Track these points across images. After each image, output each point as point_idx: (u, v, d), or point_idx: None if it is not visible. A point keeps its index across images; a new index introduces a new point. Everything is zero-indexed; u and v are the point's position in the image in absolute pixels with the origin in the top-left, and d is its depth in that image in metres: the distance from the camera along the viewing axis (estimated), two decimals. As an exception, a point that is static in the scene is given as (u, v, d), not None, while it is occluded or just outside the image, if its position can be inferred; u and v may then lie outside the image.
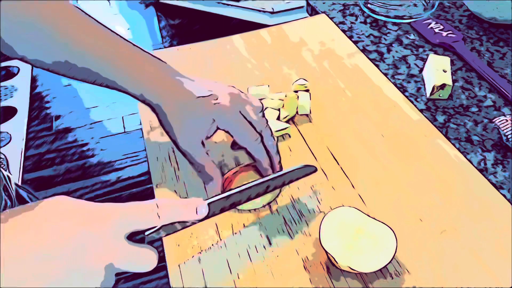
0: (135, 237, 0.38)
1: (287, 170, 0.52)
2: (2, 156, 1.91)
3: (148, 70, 0.52)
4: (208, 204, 0.43)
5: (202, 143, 0.53)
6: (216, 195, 0.45)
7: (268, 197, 0.54)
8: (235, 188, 0.47)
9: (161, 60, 0.54)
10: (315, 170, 0.54)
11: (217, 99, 0.52)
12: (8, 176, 0.64)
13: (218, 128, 0.54)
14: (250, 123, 0.53)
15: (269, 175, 0.51)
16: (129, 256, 0.36)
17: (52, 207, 0.34)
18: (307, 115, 0.67)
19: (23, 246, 0.32)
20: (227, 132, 0.54)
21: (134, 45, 0.53)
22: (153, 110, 0.54)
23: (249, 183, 0.48)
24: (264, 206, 0.55)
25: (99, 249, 0.34)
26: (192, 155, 0.53)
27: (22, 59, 0.51)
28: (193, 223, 0.42)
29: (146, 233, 0.38)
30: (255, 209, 0.54)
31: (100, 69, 0.52)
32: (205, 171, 0.53)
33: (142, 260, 0.36)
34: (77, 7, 0.53)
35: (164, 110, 0.52)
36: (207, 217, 0.43)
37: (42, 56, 0.51)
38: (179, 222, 0.40)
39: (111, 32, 0.53)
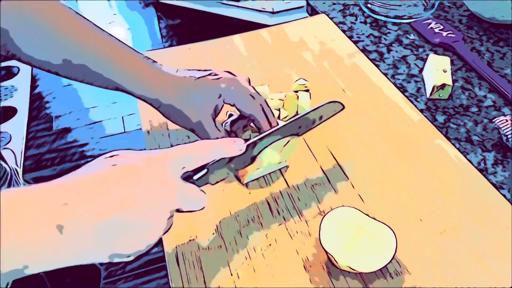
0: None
1: (314, 107, 0.55)
2: (10, 152, 1.91)
3: (144, 70, 0.55)
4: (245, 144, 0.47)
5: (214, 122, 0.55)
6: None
7: (289, 149, 0.56)
8: (268, 130, 0.51)
9: (155, 61, 0.57)
10: (343, 107, 0.57)
11: (217, 75, 0.55)
12: (16, 169, 0.65)
13: (224, 103, 0.56)
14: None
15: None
16: (186, 193, 0.39)
17: (111, 155, 0.37)
18: None
19: (89, 181, 0.35)
20: (233, 105, 0.55)
21: (129, 47, 0.56)
22: (155, 107, 0.56)
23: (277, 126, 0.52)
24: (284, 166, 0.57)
25: (160, 187, 0.37)
26: (207, 129, 0.55)
27: (29, 62, 0.54)
28: (236, 170, 0.48)
29: (195, 177, 0.43)
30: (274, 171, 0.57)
31: (100, 70, 0.54)
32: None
33: (196, 198, 0.40)
34: (71, 8, 0.54)
35: (165, 102, 0.54)
36: (248, 159, 0.48)
37: (46, 56, 0.53)
38: (223, 164, 0.45)
39: (107, 34, 0.55)
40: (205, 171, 0.44)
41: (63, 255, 0.33)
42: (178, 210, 0.39)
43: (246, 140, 0.55)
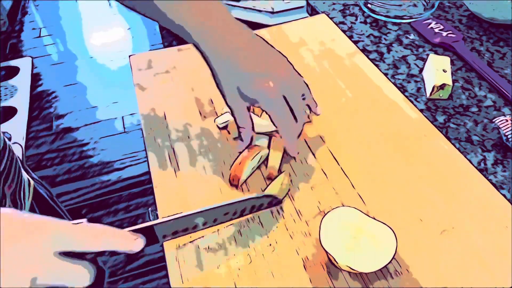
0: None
1: (249, 196, 0.50)
2: (18, 146, 1.93)
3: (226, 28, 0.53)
4: (159, 228, 0.42)
5: (248, 108, 0.54)
6: (159, 220, 0.43)
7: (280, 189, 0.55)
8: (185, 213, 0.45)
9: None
10: (279, 201, 0.53)
11: (267, 80, 0.53)
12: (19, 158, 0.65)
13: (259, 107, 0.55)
14: (291, 107, 0.54)
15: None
16: (58, 272, 0.35)
17: None
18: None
19: None
20: (266, 112, 0.54)
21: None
22: (207, 61, 0.53)
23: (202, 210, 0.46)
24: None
25: (25, 262, 0.34)
26: (237, 116, 0.54)
27: None
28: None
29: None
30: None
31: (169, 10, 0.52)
32: (243, 133, 0.55)
33: (74, 276, 0.36)
34: None
35: (217, 67, 0.53)
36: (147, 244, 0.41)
37: None
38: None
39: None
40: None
41: None
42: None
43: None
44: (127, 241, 0.39)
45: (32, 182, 0.68)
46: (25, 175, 0.67)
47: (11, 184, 0.60)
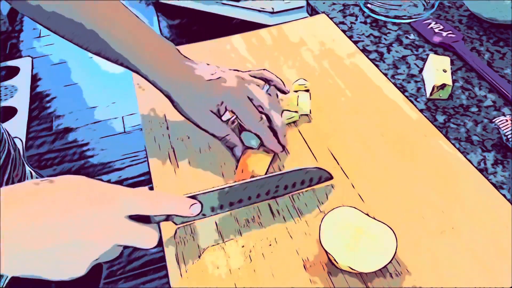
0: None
1: (293, 168, 0.53)
2: (19, 141, 1.93)
3: (161, 57, 0.57)
4: (204, 198, 0.47)
5: (220, 118, 0.58)
6: (212, 190, 0.48)
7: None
8: (232, 183, 0.50)
9: (171, 44, 0.58)
10: (331, 177, 0.56)
11: (225, 82, 0.56)
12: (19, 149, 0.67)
13: (226, 110, 0.57)
14: (257, 104, 0.57)
15: (274, 153, 0.58)
16: (130, 233, 0.39)
17: (66, 181, 0.38)
18: (307, 115, 0.67)
19: (33, 212, 0.35)
20: (233, 113, 0.57)
21: (148, 27, 0.58)
22: (165, 95, 0.58)
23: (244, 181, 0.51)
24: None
25: (102, 226, 0.37)
26: (213, 131, 0.58)
27: (45, 24, 0.55)
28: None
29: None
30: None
31: (117, 49, 0.56)
32: (228, 140, 0.58)
33: (143, 237, 0.40)
34: None
35: (175, 97, 0.57)
36: (204, 215, 0.48)
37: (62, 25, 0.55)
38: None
39: (129, 12, 0.57)
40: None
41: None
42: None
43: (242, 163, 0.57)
44: (186, 205, 0.44)
45: (34, 173, 0.69)
46: (27, 167, 0.68)
47: (17, 173, 0.62)
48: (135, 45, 0.56)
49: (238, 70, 0.60)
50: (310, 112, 0.66)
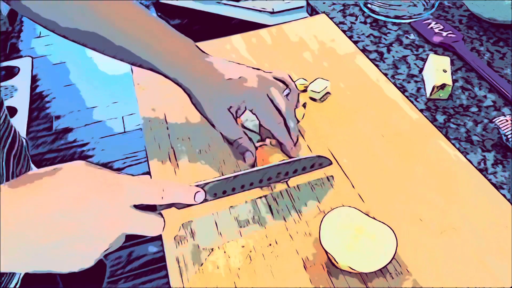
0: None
1: (299, 157, 0.54)
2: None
3: (181, 54, 0.56)
4: (209, 187, 0.47)
5: (235, 120, 0.57)
6: (216, 179, 0.47)
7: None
8: (240, 170, 0.50)
9: (191, 40, 0.58)
10: (330, 163, 0.56)
11: (246, 81, 0.56)
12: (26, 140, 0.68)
13: (245, 109, 0.57)
14: (276, 106, 0.57)
15: (292, 156, 0.57)
16: (137, 222, 0.39)
17: (70, 172, 0.37)
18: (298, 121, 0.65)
19: (38, 206, 0.34)
20: (254, 113, 0.57)
21: (166, 25, 0.57)
22: (185, 91, 0.57)
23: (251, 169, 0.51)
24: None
25: (109, 216, 0.37)
26: (227, 133, 0.57)
27: (59, 33, 0.56)
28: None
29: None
30: None
31: (136, 51, 0.56)
32: (241, 144, 0.57)
33: (149, 225, 0.40)
34: None
35: (196, 94, 0.56)
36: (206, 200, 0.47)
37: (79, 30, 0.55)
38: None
39: (145, 12, 0.57)
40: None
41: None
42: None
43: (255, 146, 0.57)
44: (190, 193, 0.44)
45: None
46: (32, 166, 0.68)
47: (21, 169, 0.62)
48: (153, 43, 0.56)
49: (259, 69, 0.59)
50: (303, 118, 0.65)
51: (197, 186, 0.45)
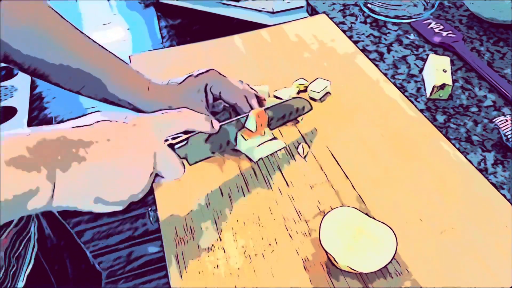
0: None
1: (283, 100, 0.61)
2: None
3: (138, 83, 0.59)
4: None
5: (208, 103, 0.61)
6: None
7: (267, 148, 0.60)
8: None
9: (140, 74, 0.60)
10: (311, 108, 0.64)
11: (201, 73, 0.60)
12: None
13: (212, 95, 0.60)
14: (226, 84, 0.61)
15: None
16: (167, 158, 0.43)
17: (102, 128, 0.40)
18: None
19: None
20: (219, 96, 0.60)
21: (119, 59, 0.59)
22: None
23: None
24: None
25: (146, 146, 0.40)
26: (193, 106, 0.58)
27: (23, 67, 0.57)
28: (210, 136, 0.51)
29: (176, 146, 0.47)
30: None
31: (96, 84, 0.60)
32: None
33: (175, 166, 0.44)
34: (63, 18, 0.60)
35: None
36: (224, 142, 0.54)
37: (41, 61, 0.57)
38: (202, 140, 0.50)
39: (100, 47, 0.59)
40: (185, 142, 0.48)
41: (57, 194, 0.36)
42: (157, 175, 0.44)
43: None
44: (207, 122, 0.48)
45: None
46: None
47: None
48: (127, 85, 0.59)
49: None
50: (302, 119, 0.65)
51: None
